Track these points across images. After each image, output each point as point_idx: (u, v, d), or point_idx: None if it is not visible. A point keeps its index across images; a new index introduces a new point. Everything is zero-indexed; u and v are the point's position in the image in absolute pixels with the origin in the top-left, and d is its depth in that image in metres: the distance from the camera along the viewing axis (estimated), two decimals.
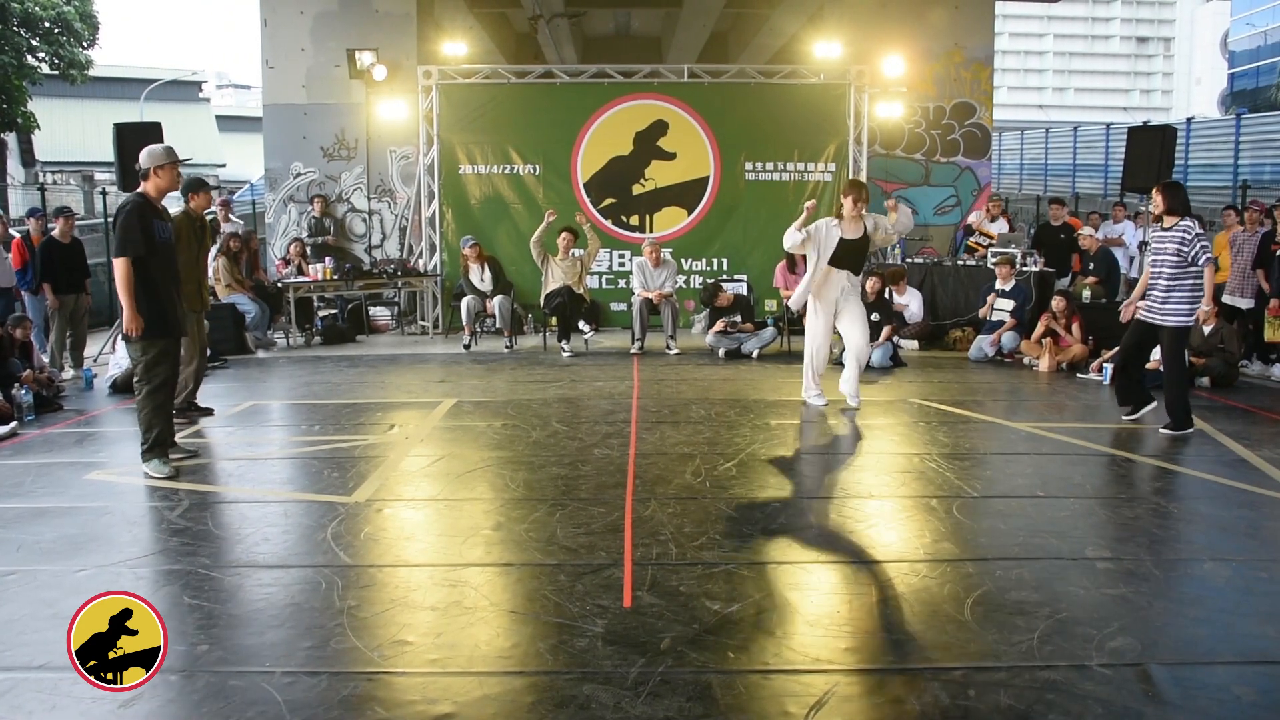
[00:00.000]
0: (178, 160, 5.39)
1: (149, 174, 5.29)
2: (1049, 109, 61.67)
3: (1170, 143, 10.22)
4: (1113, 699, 2.77)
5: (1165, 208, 6.06)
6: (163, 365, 5.26)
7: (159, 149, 5.37)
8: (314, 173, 12.06)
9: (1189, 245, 5.93)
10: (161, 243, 5.29)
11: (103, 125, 11.52)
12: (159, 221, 5.30)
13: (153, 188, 5.31)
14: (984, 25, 12.52)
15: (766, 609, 3.41)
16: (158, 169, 5.29)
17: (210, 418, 6.66)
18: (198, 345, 6.66)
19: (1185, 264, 5.97)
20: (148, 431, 5.23)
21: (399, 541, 4.24)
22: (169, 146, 5.45)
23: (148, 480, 5.11)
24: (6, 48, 20.50)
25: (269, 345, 10.35)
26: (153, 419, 5.23)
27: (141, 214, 5.16)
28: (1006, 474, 5.32)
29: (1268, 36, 46.50)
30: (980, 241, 11.05)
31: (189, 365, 6.52)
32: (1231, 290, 9.04)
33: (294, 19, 11.89)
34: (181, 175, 5.47)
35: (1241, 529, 4.36)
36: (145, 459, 5.23)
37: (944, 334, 10.32)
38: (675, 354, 9.59)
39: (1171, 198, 6.08)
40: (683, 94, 11.34)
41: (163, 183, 5.34)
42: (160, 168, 5.30)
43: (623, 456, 5.50)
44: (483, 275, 10.17)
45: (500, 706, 2.75)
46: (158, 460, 5.21)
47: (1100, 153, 21.83)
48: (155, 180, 5.31)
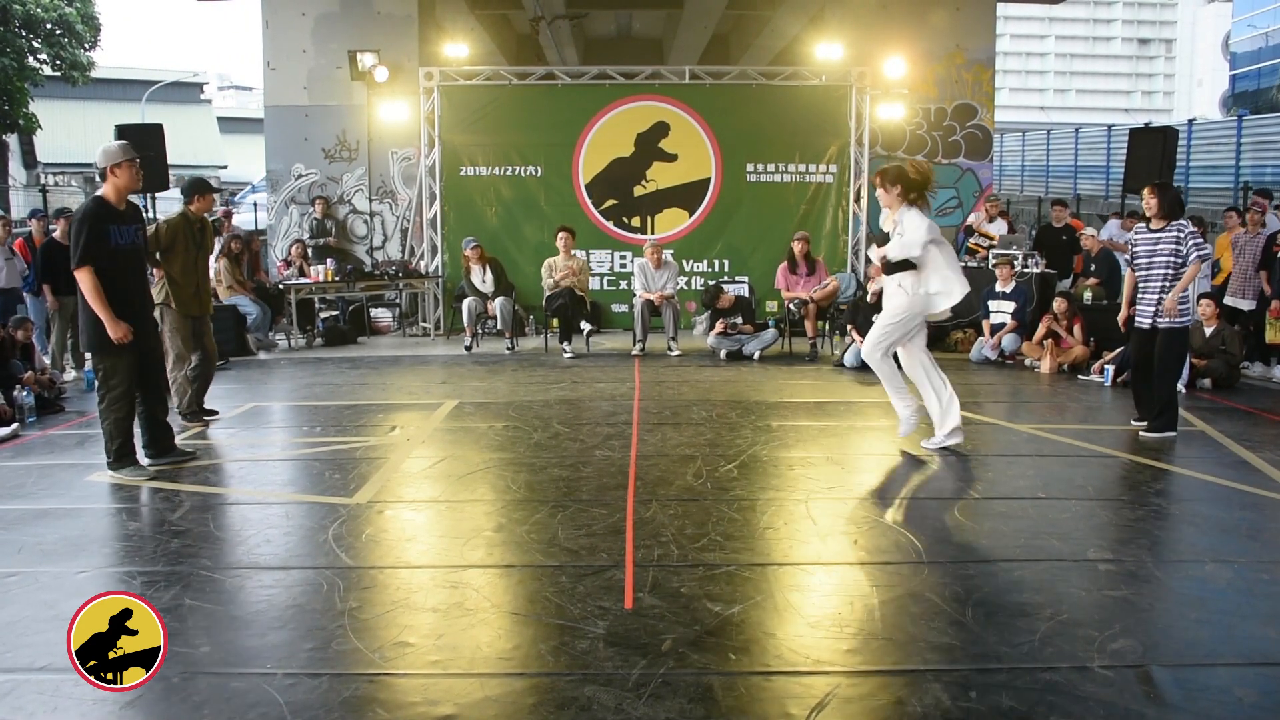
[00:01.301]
0: (135, 157, 5.18)
1: (106, 175, 5.11)
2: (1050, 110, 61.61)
3: (1172, 144, 10.23)
4: (1114, 701, 2.77)
5: (1157, 209, 6.03)
6: (119, 376, 5.12)
7: (114, 146, 5.19)
8: (315, 174, 12.06)
9: (1184, 245, 5.90)
10: (121, 248, 5.09)
11: (104, 127, 11.53)
12: (118, 226, 5.09)
13: (111, 188, 5.12)
14: (985, 27, 12.52)
15: (768, 611, 3.41)
16: (114, 168, 5.08)
17: (194, 421, 6.61)
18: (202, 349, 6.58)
19: (1182, 265, 5.95)
20: (110, 442, 5.14)
21: (400, 543, 4.24)
22: (124, 144, 5.25)
23: (149, 482, 5.11)
24: (8, 49, 20.54)
25: (270, 347, 10.36)
26: (114, 431, 5.12)
27: (95, 220, 4.98)
28: (1008, 475, 5.32)
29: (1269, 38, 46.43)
30: (980, 243, 11.04)
31: (179, 368, 6.47)
32: (1233, 292, 9.03)
33: (295, 20, 11.90)
34: (140, 173, 5.22)
35: (1243, 531, 4.35)
36: (115, 469, 5.14)
37: (945, 335, 10.31)
38: (677, 355, 9.59)
39: (1164, 199, 6.04)
40: (684, 95, 11.34)
41: (121, 182, 5.12)
42: (117, 166, 5.08)
43: (624, 458, 5.50)
44: (484, 277, 10.18)
45: (502, 708, 2.75)
46: (129, 468, 5.13)
47: (1102, 154, 21.83)
48: (113, 180, 5.11)
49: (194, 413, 6.59)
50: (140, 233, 5.31)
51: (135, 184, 5.23)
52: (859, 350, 8.82)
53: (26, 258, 8.98)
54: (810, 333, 9.61)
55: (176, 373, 6.55)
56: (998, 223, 11.42)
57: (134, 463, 5.20)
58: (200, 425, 6.54)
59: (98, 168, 5.17)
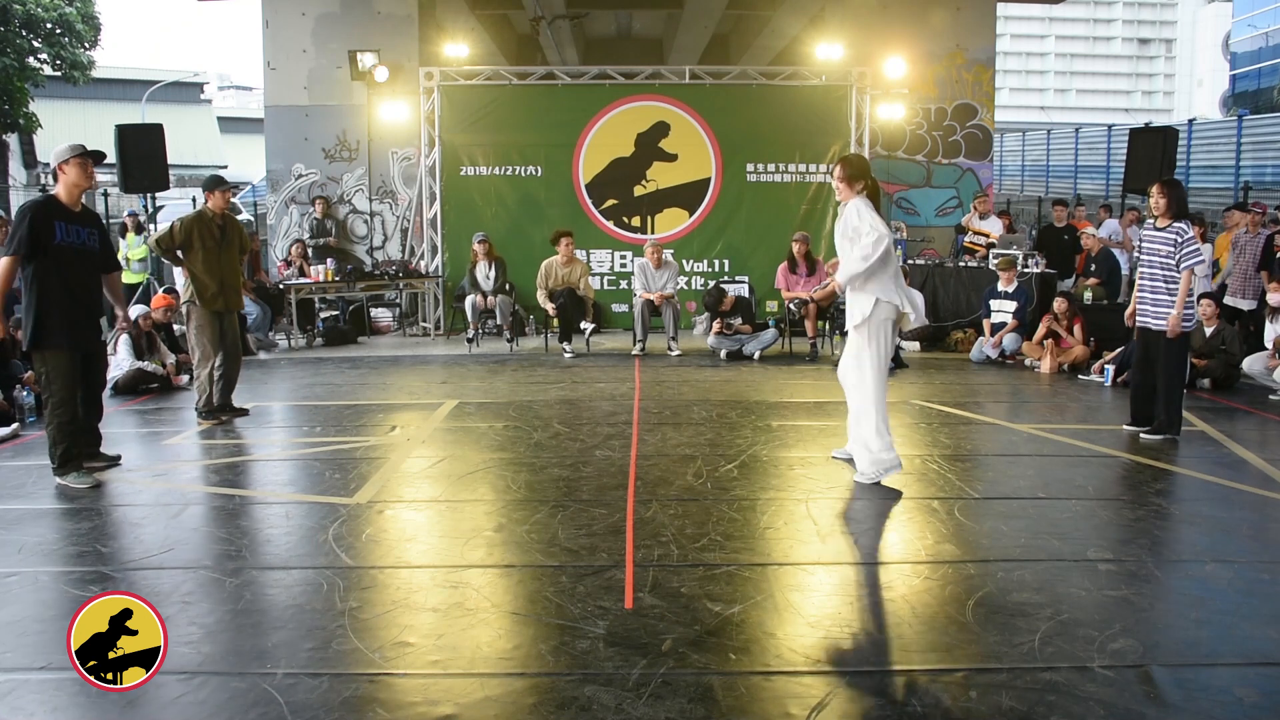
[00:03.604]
0: (85, 154, 5.07)
1: (58, 174, 5.05)
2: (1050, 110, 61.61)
3: (1172, 144, 10.23)
4: (1114, 701, 2.77)
5: (1165, 207, 6.00)
6: (58, 381, 4.99)
7: (63, 146, 5.12)
8: (315, 174, 12.06)
9: (1179, 248, 5.88)
10: (67, 246, 4.97)
11: (105, 127, 11.56)
12: (65, 224, 4.98)
13: (61, 187, 5.04)
14: (985, 27, 12.52)
15: (768, 610, 3.41)
16: (62, 165, 5.02)
17: (217, 418, 6.63)
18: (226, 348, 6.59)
19: (1175, 268, 5.93)
20: (54, 447, 5.02)
21: (400, 543, 4.24)
22: (75, 143, 5.17)
23: (149, 482, 5.11)
24: (9, 49, 20.55)
25: (270, 347, 10.36)
26: (57, 435, 5.01)
27: (37, 214, 4.88)
28: (1008, 475, 5.32)
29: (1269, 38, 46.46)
30: (977, 241, 11.04)
31: (204, 366, 6.51)
32: (1233, 292, 9.04)
33: (295, 20, 11.90)
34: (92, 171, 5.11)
35: (1243, 531, 4.35)
36: (60, 475, 5.03)
37: (945, 335, 10.32)
38: (677, 355, 9.59)
39: (1172, 197, 6.01)
40: (684, 95, 11.34)
41: (70, 179, 5.03)
42: (65, 164, 5.00)
43: (624, 458, 5.50)
44: (489, 273, 10.18)
45: (502, 708, 2.75)
46: (74, 474, 5.03)
47: (1102, 154, 21.85)
48: (63, 178, 5.02)
49: (212, 410, 6.61)
50: (95, 236, 5.19)
51: (85, 181, 5.11)
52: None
53: None
54: (810, 333, 9.61)
55: (200, 370, 6.58)
56: (991, 220, 11.37)
57: (79, 468, 5.09)
58: (219, 421, 6.56)
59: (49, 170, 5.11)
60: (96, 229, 5.25)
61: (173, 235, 6.44)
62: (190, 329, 6.66)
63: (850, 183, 5.12)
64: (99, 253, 5.25)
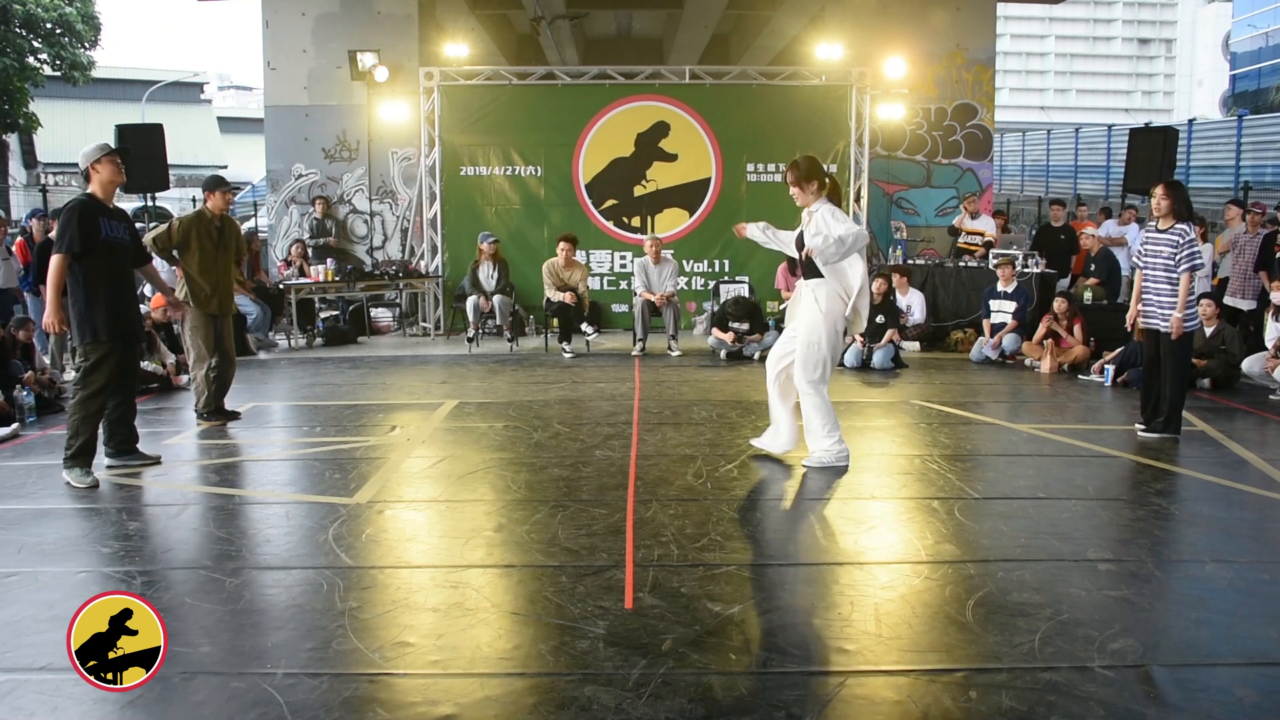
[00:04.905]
0: (114, 152, 5.19)
1: (89, 174, 5.14)
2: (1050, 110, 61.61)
3: (1172, 144, 10.25)
4: (1115, 701, 2.77)
5: (1168, 209, 5.99)
6: (100, 372, 5.05)
7: (91, 146, 5.21)
8: (315, 174, 12.07)
9: (1179, 250, 5.87)
10: (109, 241, 5.09)
11: (105, 126, 11.54)
12: (107, 220, 5.11)
13: (96, 185, 5.14)
14: (985, 27, 12.52)
15: (768, 610, 3.41)
16: (94, 165, 5.11)
17: (213, 421, 6.62)
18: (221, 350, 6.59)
19: (1175, 270, 5.93)
20: (73, 438, 5.01)
21: (400, 543, 4.24)
22: (103, 143, 5.27)
23: (149, 482, 5.11)
24: (8, 49, 20.56)
25: (270, 347, 10.36)
26: (80, 427, 5.03)
27: (83, 212, 4.99)
28: (1008, 475, 5.32)
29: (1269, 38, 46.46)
30: (973, 241, 11.03)
31: (199, 368, 6.50)
32: (1233, 292, 9.04)
33: (295, 20, 11.90)
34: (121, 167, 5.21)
35: (1243, 531, 4.35)
36: (67, 467, 5.02)
37: (945, 335, 10.32)
38: (677, 355, 9.59)
39: (1175, 199, 6.00)
40: (684, 95, 11.35)
41: (104, 177, 5.13)
42: (96, 163, 5.09)
43: (624, 458, 5.50)
44: (491, 273, 10.18)
45: (502, 708, 2.75)
46: (79, 470, 5.02)
47: (1102, 154, 21.84)
48: (96, 177, 5.13)
49: (211, 413, 6.61)
50: (127, 231, 5.31)
51: (118, 178, 5.22)
52: (859, 350, 8.86)
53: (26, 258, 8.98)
54: None
55: (196, 372, 6.59)
56: (983, 219, 11.35)
57: (87, 465, 5.07)
58: (216, 424, 6.56)
59: (80, 171, 5.18)
60: (126, 223, 5.36)
61: (170, 234, 6.42)
62: (185, 330, 6.67)
63: (803, 185, 5.05)
64: (131, 246, 5.39)
